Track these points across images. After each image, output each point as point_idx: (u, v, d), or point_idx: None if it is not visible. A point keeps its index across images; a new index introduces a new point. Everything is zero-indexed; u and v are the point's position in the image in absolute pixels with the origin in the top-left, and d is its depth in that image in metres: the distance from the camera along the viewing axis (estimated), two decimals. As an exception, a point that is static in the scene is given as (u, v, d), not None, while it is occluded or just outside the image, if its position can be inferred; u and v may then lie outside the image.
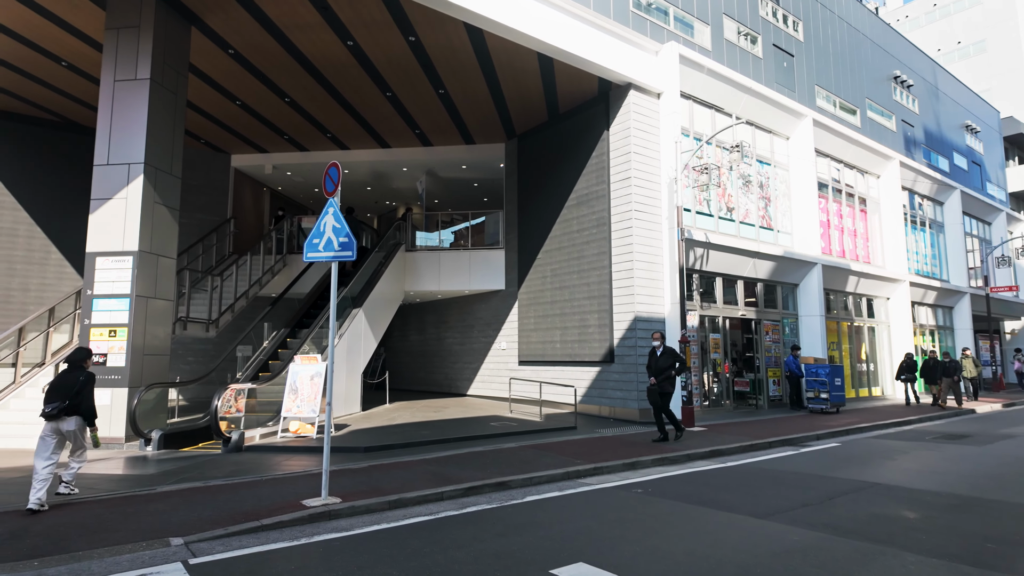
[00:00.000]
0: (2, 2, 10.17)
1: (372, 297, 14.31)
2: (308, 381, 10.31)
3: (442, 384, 19.50)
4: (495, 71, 12.73)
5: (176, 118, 10.65)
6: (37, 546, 4.61)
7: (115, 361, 9.45)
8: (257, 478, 7.16)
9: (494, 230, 17.71)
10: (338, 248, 6.44)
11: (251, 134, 16.34)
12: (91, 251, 9.85)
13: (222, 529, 4.99)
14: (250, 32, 11.18)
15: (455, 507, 5.93)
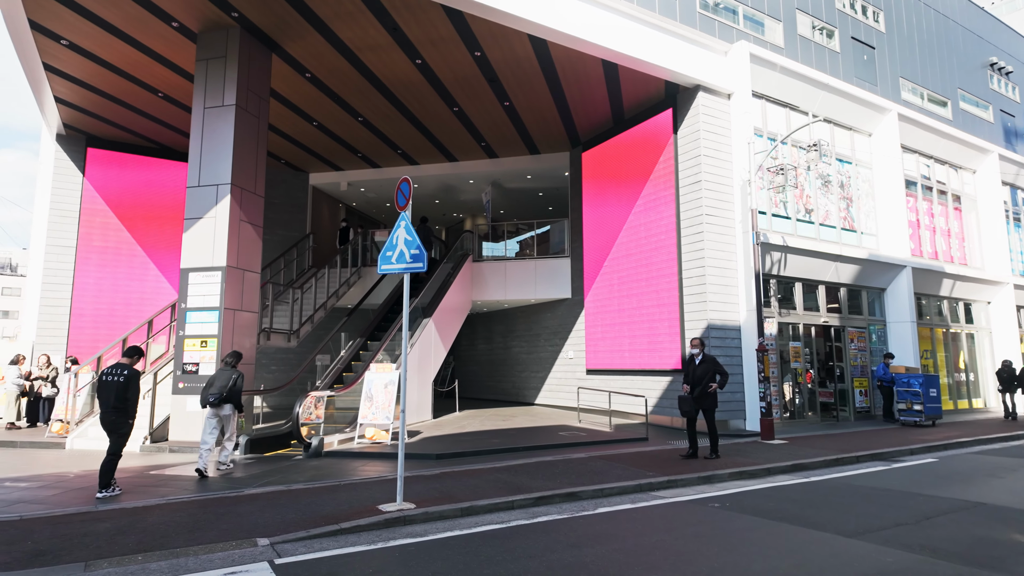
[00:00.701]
0: (110, 44, 11.18)
1: (441, 307, 14.60)
2: (383, 389, 10.63)
3: (509, 393, 19.60)
4: (559, 80, 12.77)
5: (259, 141, 11.31)
6: (141, 542, 4.97)
7: (206, 370, 10.08)
8: (336, 482, 7.43)
9: (559, 239, 17.71)
10: (410, 260, 6.63)
11: (327, 153, 17.12)
12: (184, 267, 10.59)
13: (304, 531, 5.21)
14: (325, 56, 11.75)
15: (526, 516, 5.93)
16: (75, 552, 4.70)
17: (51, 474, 8.14)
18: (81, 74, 12.38)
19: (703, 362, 8.98)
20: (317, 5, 10.07)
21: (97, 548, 4.79)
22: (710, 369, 8.93)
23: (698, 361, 9.03)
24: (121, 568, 4.42)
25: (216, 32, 10.78)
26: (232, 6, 10.08)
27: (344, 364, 13.54)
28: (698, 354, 9.10)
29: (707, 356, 9.05)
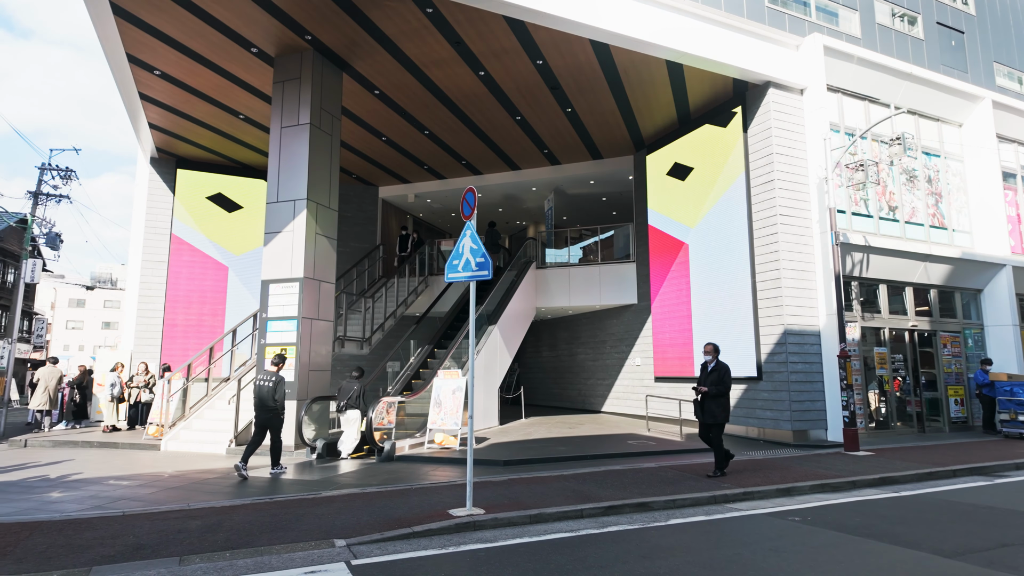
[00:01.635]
0: (197, 71, 12.00)
1: (506, 314, 14.70)
2: (451, 395, 10.80)
3: (575, 400, 19.45)
4: (622, 84, 12.65)
5: (332, 157, 11.79)
6: (229, 539, 5.25)
7: (286, 377, 10.54)
8: (407, 487, 7.60)
9: (624, 244, 17.48)
10: (475, 268, 6.72)
11: (395, 166, 17.65)
12: (265, 279, 11.16)
13: (379, 534, 5.35)
14: (393, 73, 12.14)
15: (595, 525, 5.86)
16: (171, 547, 5.03)
17: (148, 473, 8.75)
18: (171, 101, 13.34)
19: (714, 370, 8.23)
20: (384, 24, 10.44)
21: (190, 544, 5.11)
22: (716, 379, 8.17)
23: (710, 369, 8.31)
24: (211, 564, 4.68)
25: (291, 55, 11.36)
26: (305, 29, 10.61)
27: (413, 371, 13.86)
28: (711, 361, 8.35)
29: (720, 364, 8.27)
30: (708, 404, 8.16)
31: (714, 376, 8.16)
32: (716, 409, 8.14)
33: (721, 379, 8.13)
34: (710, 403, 8.15)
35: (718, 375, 8.16)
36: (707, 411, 8.16)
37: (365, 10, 10.02)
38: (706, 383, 8.18)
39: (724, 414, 8.18)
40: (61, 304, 58.64)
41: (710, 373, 8.24)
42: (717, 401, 8.13)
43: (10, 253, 30.40)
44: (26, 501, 6.87)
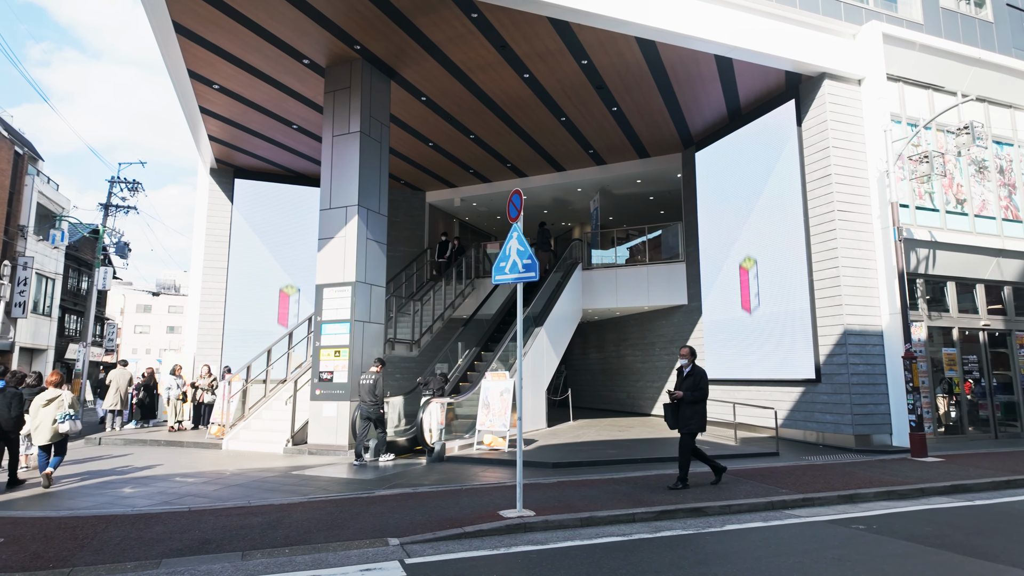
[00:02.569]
0: (253, 84, 12.47)
1: (552, 316, 14.66)
2: (498, 397, 10.84)
3: (624, 403, 19.21)
4: (670, 81, 12.45)
5: (381, 163, 12.04)
6: (288, 536, 5.41)
7: (339, 378, 10.84)
8: (458, 487, 7.66)
9: (672, 243, 17.16)
10: (522, 270, 6.72)
11: (442, 171, 17.89)
12: (319, 283, 11.48)
13: (431, 533, 5.42)
14: (439, 79, 12.30)
15: (648, 530, 5.76)
16: (234, 542, 5.22)
17: (211, 471, 9.12)
18: (229, 113, 13.91)
19: (690, 375, 7.65)
20: (431, 31, 10.59)
21: (251, 540, 5.29)
22: (692, 384, 7.59)
23: (685, 373, 7.72)
24: (271, 560, 4.84)
25: (341, 65, 11.67)
26: (355, 39, 10.87)
27: (461, 372, 13.99)
28: (687, 365, 7.76)
29: (696, 368, 7.69)
30: (684, 411, 7.56)
31: (690, 381, 7.60)
32: (691, 416, 7.53)
33: (697, 384, 7.56)
34: (686, 410, 7.55)
35: (694, 380, 7.59)
36: (682, 419, 7.56)
37: (412, 18, 10.19)
38: (682, 388, 7.64)
39: (700, 422, 7.57)
40: (129, 310, 61.91)
41: (686, 378, 7.68)
42: (693, 408, 7.54)
43: (84, 262, 32.31)
44: (102, 496, 7.27)
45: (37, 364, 25.79)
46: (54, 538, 5.33)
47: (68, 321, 31.96)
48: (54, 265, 27.93)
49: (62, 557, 4.80)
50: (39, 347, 26.50)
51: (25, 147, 26.17)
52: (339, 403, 10.77)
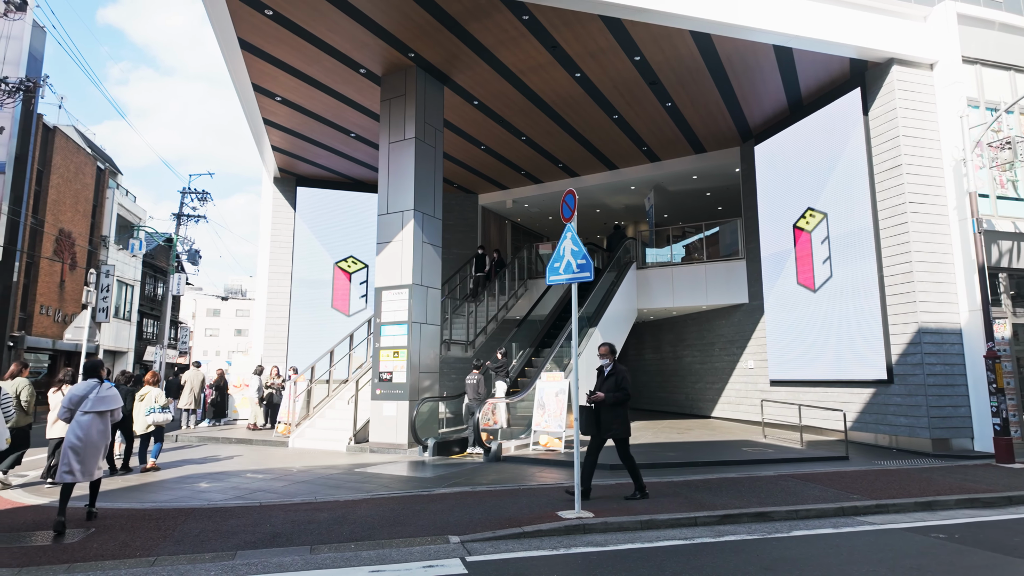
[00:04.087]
0: (312, 95, 12.94)
1: (607, 316, 14.53)
2: (553, 397, 10.83)
3: (683, 405, 18.81)
4: (726, 74, 12.13)
5: (436, 168, 12.25)
6: (353, 532, 5.58)
7: (398, 378, 11.09)
8: (515, 487, 7.71)
9: (731, 240, 16.71)
10: (577, 270, 6.71)
11: (494, 174, 18.03)
12: (378, 286, 11.79)
13: (491, 532, 5.47)
14: (491, 82, 12.42)
15: (711, 534, 5.64)
16: (302, 537, 5.43)
17: (279, 468, 9.50)
18: (291, 124, 14.47)
19: (611, 375, 6.99)
20: (483, 35, 10.71)
21: (319, 534, 5.49)
22: (613, 386, 6.94)
23: (606, 373, 7.07)
24: (338, 554, 5.00)
25: (396, 74, 11.94)
26: (409, 48, 11.11)
27: (516, 372, 14.04)
28: (607, 364, 7.13)
29: (618, 367, 7.06)
30: (605, 415, 6.89)
31: (611, 381, 6.93)
32: (614, 420, 6.87)
33: (619, 385, 6.91)
34: (607, 413, 6.88)
35: (615, 380, 6.93)
36: (604, 424, 6.90)
37: (464, 23, 10.33)
38: (602, 389, 6.96)
39: (624, 426, 6.93)
40: (200, 313, 65.19)
41: (606, 378, 7.01)
42: (615, 411, 6.88)
43: (159, 269, 34.30)
44: (181, 490, 7.71)
45: (119, 365, 27.56)
46: (139, 529, 5.69)
47: (145, 325, 33.97)
48: (133, 272, 29.76)
49: (147, 547, 5.11)
50: (120, 349, 28.31)
51: (106, 163, 28.02)
52: (398, 403, 11.02)
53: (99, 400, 6.07)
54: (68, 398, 6.06)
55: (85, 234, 24.99)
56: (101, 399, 6.09)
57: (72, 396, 6.06)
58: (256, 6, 9.84)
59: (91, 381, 6.23)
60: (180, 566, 4.68)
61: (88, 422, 5.97)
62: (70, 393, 6.13)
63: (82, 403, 6.03)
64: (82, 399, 6.04)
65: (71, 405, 6.02)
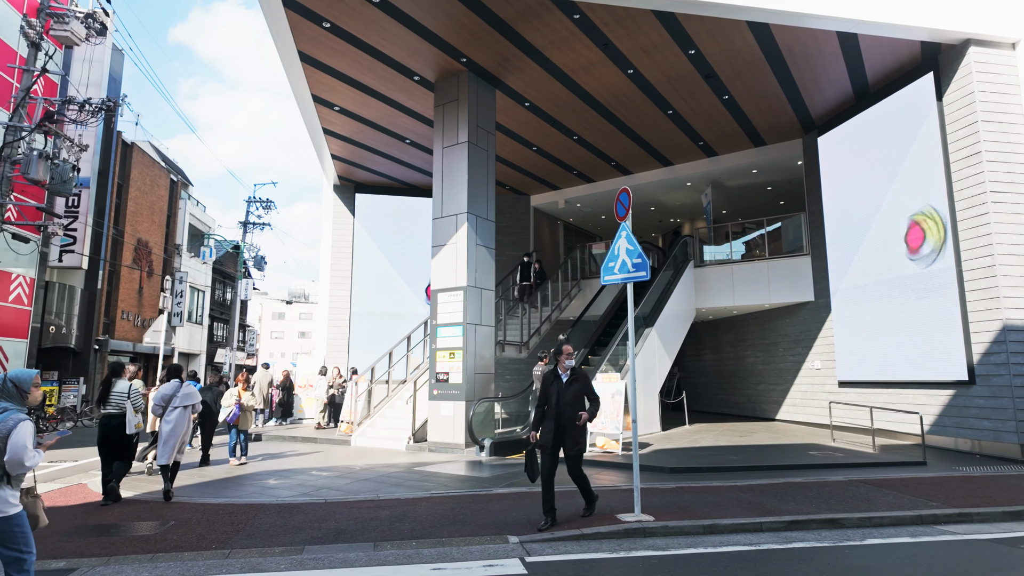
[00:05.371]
0: (368, 103, 13.29)
1: (663, 316, 14.26)
2: (609, 399, 10.71)
3: (744, 407, 18.24)
4: (786, 64, 11.70)
5: (488, 171, 12.35)
6: (414, 530, 5.70)
7: (455, 379, 11.24)
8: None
9: (794, 235, 16.09)
10: (632, 269, 6.62)
11: (545, 174, 18.02)
12: (434, 288, 11.98)
13: (549, 533, 5.47)
14: (542, 84, 12.42)
15: (778, 540, 5.44)
16: (366, 533, 5.58)
17: (342, 466, 9.79)
18: (348, 132, 14.91)
19: (573, 381, 5.97)
20: (533, 37, 10.72)
21: (381, 531, 5.63)
22: (581, 393, 5.97)
23: (565, 379, 5.99)
24: (400, 551, 5.12)
25: (449, 79, 12.12)
26: (461, 53, 11.25)
27: (580, 361, 13.97)
28: (568, 368, 6.06)
29: (578, 373, 6.07)
30: (571, 431, 5.87)
31: (576, 388, 5.94)
32: (580, 436, 5.98)
33: (590, 392, 6.03)
34: (573, 430, 5.88)
35: (582, 387, 5.99)
36: (569, 441, 5.87)
37: (515, 26, 10.38)
38: (561, 400, 5.88)
39: (584, 441, 6.19)
40: (266, 317, 67.98)
41: (570, 384, 5.95)
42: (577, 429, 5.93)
43: (227, 274, 35.99)
44: (251, 486, 8.06)
45: (192, 367, 29.08)
46: (214, 522, 5.99)
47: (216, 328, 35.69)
48: (204, 278, 31.35)
49: (222, 540, 5.38)
50: (193, 352, 29.86)
51: (178, 175, 29.64)
52: (455, 403, 11.17)
53: (184, 397, 7.42)
54: (160, 396, 7.40)
55: (160, 243, 26.51)
56: (185, 396, 7.43)
57: (163, 394, 7.42)
58: (314, 19, 10.20)
59: (175, 382, 7.57)
60: (252, 559, 4.89)
61: (177, 415, 7.32)
62: (160, 392, 7.46)
63: (172, 400, 7.36)
64: (171, 396, 7.39)
65: (163, 402, 7.38)
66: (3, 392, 3.47)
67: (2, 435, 3.29)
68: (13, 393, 3.50)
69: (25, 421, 3.36)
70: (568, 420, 5.85)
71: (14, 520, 3.27)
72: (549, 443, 5.85)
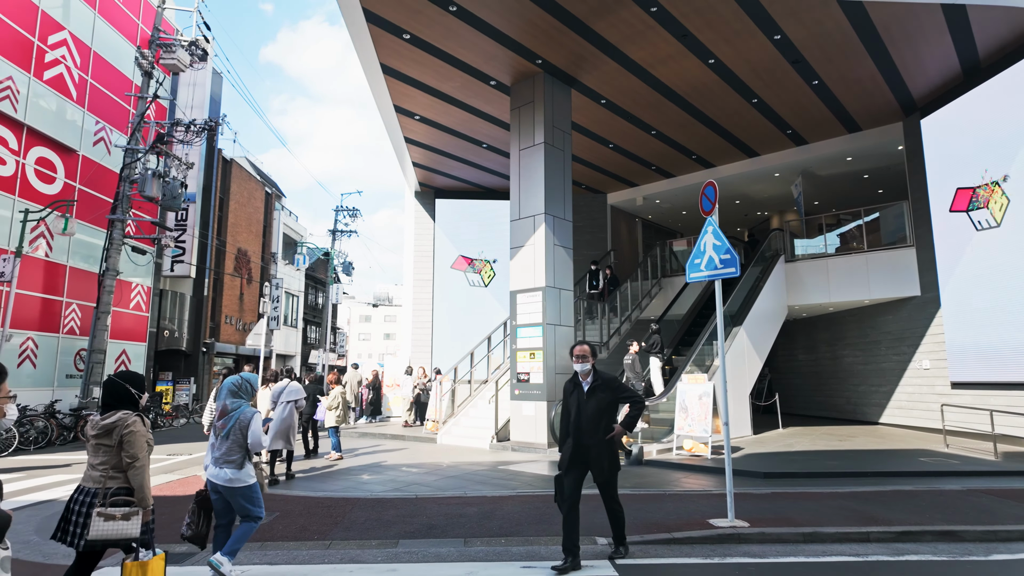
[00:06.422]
0: (447, 111, 13.62)
1: (752, 314, 13.66)
2: (696, 400, 10.40)
3: (843, 410, 17.15)
4: (882, 43, 10.92)
5: (565, 171, 12.32)
6: (502, 527, 5.77)
7: (536, 379, 11.29)
8: (659, 492, 7.50)
9: (896, 225, 14.95)
10: (720, 265, 6.39)
11: (622, 171, 17.75)
12: (512, 290, 12.10)
13: (638, 536, 5.38)
14: (618, 79, 12.26)
15: (888, 552, 5.08)
16: (455, 529, 5.71)
17: (430, 463, 10.07)
18: (428, 140, 15.34)
19: (596, 388, 4.82)
20: (609, 33, 10.60)
21: (470, 528, 5.74)
22: (609, 401, 4.79)
23: (586, 387, 4.86)
24: (490, 548, 5.19)
25: (524, 82, 12.20)
26: (536, 54, 11.30)
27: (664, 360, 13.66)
28: (587, 373, 4.90)
29: (603, 377, 4.90)
30: (597, 448, 4.73)
31: (601, 397, 4.77)
32: (610, 454, 4.82)
33: (621, 394, 4.89)
34: (601, 446, 4.73)
35: (611, 393, 4.81)
36: (595, 459, 4.75)
37: (590, 23, 10.31)
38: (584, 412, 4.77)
39: (617, 461, 4.93)
40: (353, 320, 71.10)
41: (592, 392, 4.81)
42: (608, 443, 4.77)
43: (318, 280, 37.95)
44: (346, 480, 8.45)
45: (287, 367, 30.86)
46: (314, 515, 6.33)
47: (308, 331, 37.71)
48: (297, 284, 33.21)
49: (322, 531, 5.67)
50: (289, 353, 31.69)
51: (272, 187, 31.57)
52: (536, 403, 11.21)
53: (288, 393, 8.36)
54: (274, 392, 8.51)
55: (258, 252, 28.34)
56: (290, 392, 8.37)
57: (274, 392, 8.57)
58: (395, 31, 10.57)
59: (284, 380, 8.74)
60: (351, 551, 5.13)
61: (283, 409, 8.25)
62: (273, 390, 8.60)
63: (280, 396, 8.37)
64: (280, 393, 8.41)
65: (274, 397, 8.45)
66: (242, 390, 4.47)
67: (244, 424, 4.31)
68: (249, 392, 4.52)
69: (258, 413, 4.44)
70: (592, 438, 4.70)
71: (255, 487, 4.35)
72: (566, 463, 4.75)
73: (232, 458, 4.25)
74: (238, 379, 4.49)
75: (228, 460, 4.25)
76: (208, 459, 4.37)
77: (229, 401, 4.41)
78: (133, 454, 3.47)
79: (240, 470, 4.26)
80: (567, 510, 4.66)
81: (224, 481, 4.24)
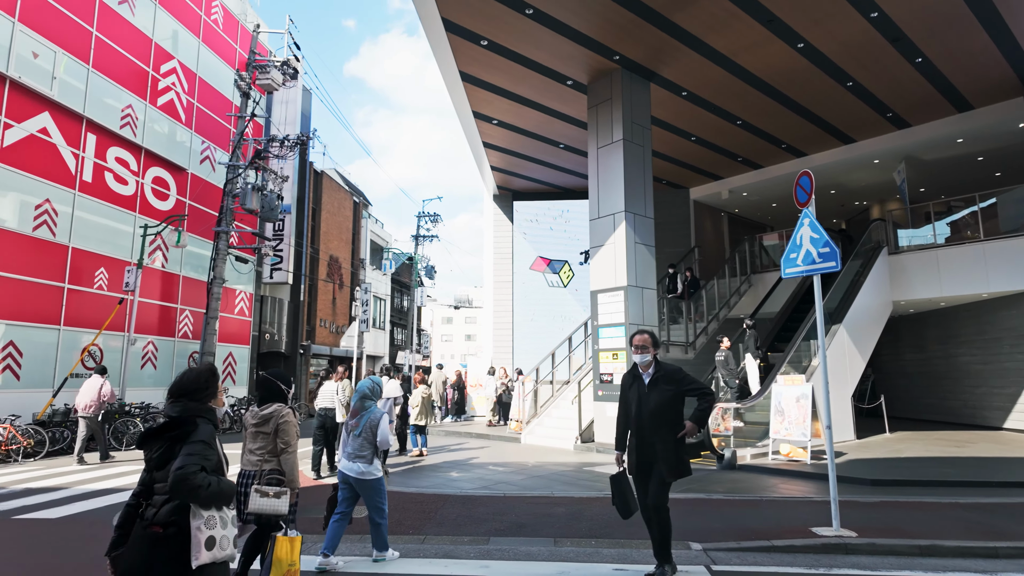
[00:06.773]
0: (523, 113, 13.72)
1: (852, 311, 12.82)
2: (794, 403, 9.89)
3: (958, 413, 15.75)
4: (996, 12, 9.95)
5: (645, 167, 12.09)
6: (591, 528, 5.74)
7: (619, 380, 11.12)
8: (755, 497, 7.20)
9: (1016, 211, 13.55)
10: (818, 259, 6.06)
11: (706, 165, 17.17)
12: (593, 289, 12.00)
13: (735, 543, 5.19)
14: (699, 70, 11.88)
15: (1018, 570, 4.63)
16: (545, 529, 5.74)
17: (515, 462, 10.17)
18: (506, 143, 15.51)
19: (658, 380, 4.40)
20: (689, 23, 10.31)
21: (559, 528, 5.75)
22: (672, 393, 4.35)
23: (647, 379, 4.45)
24: (580, 549, 5.18)
25: (601, 79, 12.08)
26: (613, 51, 11.16)
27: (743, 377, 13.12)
28: (648, 364, 4.47)
29: (665, 368, 4.46)
30: (664, 447, 4.29)
31: (664, 390, 4.35)
32: (678, 451, 4.32)
33: (688, 386, 4.41)
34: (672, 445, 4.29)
35: (676, 385, 4.37)
36: (663, 456, 4.29)
37: (668, 15, 10.06)
38: (645, 407, 4.36)
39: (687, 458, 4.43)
40: (436, 322, 72.96)
41: (653, 385, 4.39)
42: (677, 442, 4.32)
43: (403, 283, 39.27)
44: (436, 477, 8.70)
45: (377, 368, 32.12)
46: (408, 510, 6.55)
47: (395, 333, 39.08)
48: (384, 288, 34.53)
49: (416, 526, 5.87)
50: (377, 354, 32.99)
51: (360, 196, 33.00)
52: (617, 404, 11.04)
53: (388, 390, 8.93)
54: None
55: (347, 258, 29.71)
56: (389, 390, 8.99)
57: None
58: (473, 39, 10.77)
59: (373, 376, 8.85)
60: (445, 546, 5.28)
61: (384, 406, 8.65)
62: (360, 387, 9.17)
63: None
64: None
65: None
66: (373, 393, 4.95)
67: (374, 424, 4.78)
68: (378, 394, 5.04)
69: (384, 414, 4.87)
70: (656, 435, 4.31)
71: (382, 480, 4.82)
72: (634, 466, 4.41)
73: (363, 453, 4.75)
74: (370, 383, 4.98)
75: (359, 455, 4.75)
76: (341, 453, 4.91)
77: (362, 403, 4.88)
78: (287, 441, 3.96)
79: (370, 464, 4.76)
80: (647, 517, 4.38)
81: (356, 474, 4.74)
